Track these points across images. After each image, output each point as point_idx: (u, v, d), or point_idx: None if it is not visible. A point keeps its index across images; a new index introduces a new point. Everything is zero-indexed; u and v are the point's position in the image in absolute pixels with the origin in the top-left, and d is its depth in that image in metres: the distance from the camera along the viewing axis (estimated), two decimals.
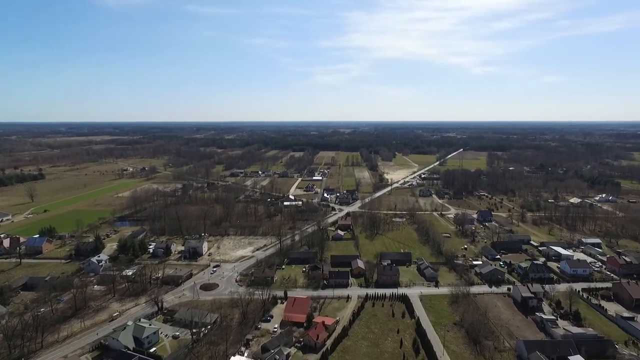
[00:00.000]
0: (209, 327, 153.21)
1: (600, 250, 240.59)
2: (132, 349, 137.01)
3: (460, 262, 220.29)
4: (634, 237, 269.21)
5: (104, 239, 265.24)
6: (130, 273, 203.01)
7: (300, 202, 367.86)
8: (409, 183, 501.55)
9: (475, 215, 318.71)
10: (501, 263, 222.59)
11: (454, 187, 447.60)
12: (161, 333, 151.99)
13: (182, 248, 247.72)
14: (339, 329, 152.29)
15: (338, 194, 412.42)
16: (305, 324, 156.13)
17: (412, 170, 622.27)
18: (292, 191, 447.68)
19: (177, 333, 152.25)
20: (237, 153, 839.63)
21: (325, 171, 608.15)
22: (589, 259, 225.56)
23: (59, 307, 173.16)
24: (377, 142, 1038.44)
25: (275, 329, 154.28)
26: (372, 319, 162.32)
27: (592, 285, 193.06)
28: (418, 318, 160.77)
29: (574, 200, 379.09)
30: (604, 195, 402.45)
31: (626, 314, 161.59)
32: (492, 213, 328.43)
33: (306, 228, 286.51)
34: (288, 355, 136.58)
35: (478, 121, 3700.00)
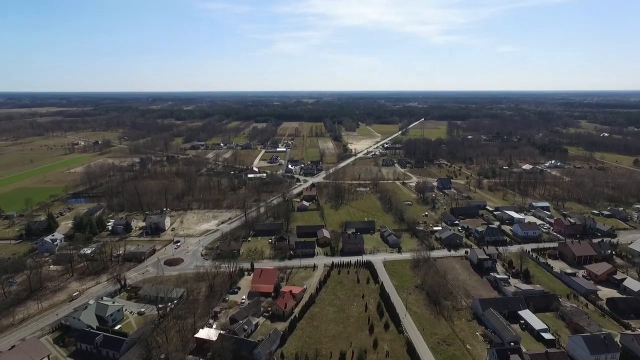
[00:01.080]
0: (176, 301, 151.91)
1: (548, 213, 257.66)
2: (95, 328, 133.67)
3: (422, 228, 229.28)
4: (578, 200, 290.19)
5: (57, 217, 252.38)
6: (89, 251, 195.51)
7: (264, 174, 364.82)
8: (372, 153, 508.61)
9: (435, 183, 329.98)
10: (459, 228, 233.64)
11: (416, 156, 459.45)
12: (126, 310, 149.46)
13: (143, 224, 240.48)
14: (306, 297, 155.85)
15: (302, 165, 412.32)
16: (273, 294, 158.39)
17: (375, 140, 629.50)
18: (256, 163, 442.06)
19: (143, 309, 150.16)
20: (197, 125, 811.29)
21: (289, 142, 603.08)
22: (539, 222, 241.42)
23: (11, 289, 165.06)
24: (340, 113, 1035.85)
25: (243, 300, 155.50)
26: (338, 285, 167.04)
27: (541, 245, 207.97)
28: (382, 283, 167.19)
29: (526, 166, 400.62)
30: (553, 161, 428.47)
31: (569, 270, 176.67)
32: (452, 180, 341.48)
33: (271, 200, 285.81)
34: (257, 324, 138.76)
35: (439, 90, 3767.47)
